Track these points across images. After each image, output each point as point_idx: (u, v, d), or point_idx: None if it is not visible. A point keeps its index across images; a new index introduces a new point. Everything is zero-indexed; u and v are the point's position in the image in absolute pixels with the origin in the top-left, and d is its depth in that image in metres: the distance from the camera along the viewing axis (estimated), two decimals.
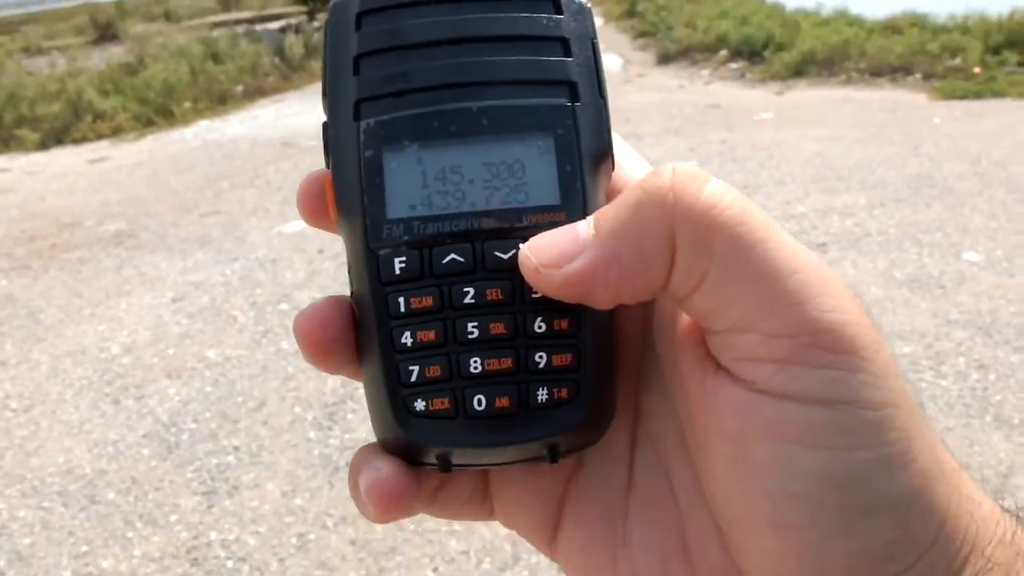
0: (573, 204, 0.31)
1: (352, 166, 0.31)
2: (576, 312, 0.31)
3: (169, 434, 2.84)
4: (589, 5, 0.33)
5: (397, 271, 0.31)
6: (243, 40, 10.74)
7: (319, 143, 0.35)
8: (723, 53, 8.86)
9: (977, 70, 6.89)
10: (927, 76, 7.11)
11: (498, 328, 0.30)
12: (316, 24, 12.46)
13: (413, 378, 0.31)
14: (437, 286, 0.30)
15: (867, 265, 3.64)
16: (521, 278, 0.30)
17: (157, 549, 2.30)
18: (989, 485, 2.17)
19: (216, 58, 9.88)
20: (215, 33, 11.66)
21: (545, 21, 0.32)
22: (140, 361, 3.38)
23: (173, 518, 2.43)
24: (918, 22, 8.43)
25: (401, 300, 0.31)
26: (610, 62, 8.92)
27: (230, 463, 2.65)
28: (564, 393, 0.31)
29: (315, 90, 9.67)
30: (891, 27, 8.45)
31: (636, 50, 10.27)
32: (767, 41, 8.52)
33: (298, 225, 4.85)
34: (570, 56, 0.32)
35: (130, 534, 2.37)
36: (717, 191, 0.28)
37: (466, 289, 0.30)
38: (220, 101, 8.82)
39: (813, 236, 3.97)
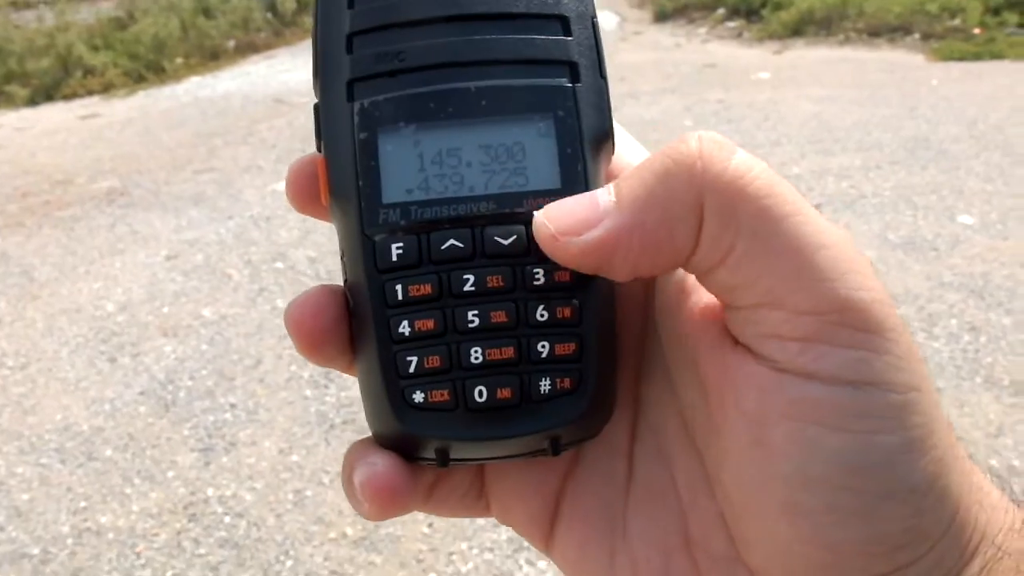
0: (574, 187, 0.30)
1: (346, 149, 0.30)
2: (579, 300, 0.30)
3: (166, 392, 2.85)
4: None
5: (394, 257, 0.29)
6: None
7: (311, 99, 0.33)
8: (720, 11, 8.76)
9: (977, 31, 6.84)
10: (926, 37, 7.05)
11: (499, 316, 0.29)
12: None
13: (411, 369, 0.30)
14: (436, 273, 0.29)
15: (862, 227, 3.65)
16: (523, 265, 0.29)
17: (155, 505, 2.33)
18: (979, 446, 2.20)
19: (207, 13, 9.72)
20: None
21: (545, 0, 0.31)
22: (135, 319, 3.38)
23: (170, 474, 2.45)
24: None
25: (398, 288, 0.30)
26: (606, 20, 8.81)
27: (227, 420, 2.67)
28: (567, 383, 0.30)
29: (307, 46, 9.42)
30: None
31: (632, 7, 10.14)
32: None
33: None
34: (570, 35, 0.31)
35: (128, 490, 2.40)
36: (745, 162, 0.28)
37: (466, 276, 0.29)
38: (212, 57, 8.70)
39: (809, 198, 3.95)
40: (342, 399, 2.75)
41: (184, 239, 4.15)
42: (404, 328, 0.29)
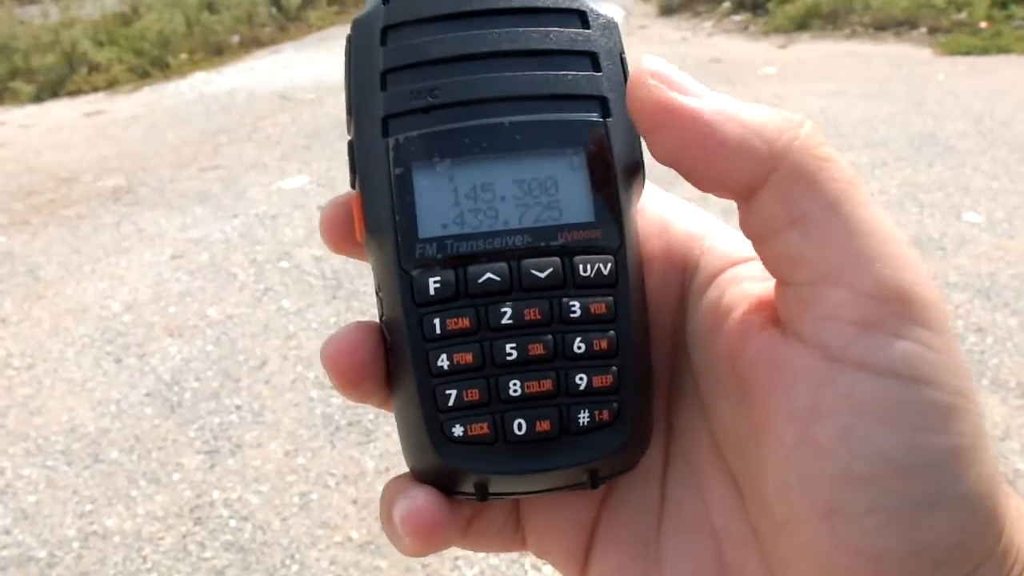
0: (607, 220, 0.30)
1: (382, 185, 0.31)
2: (616, 331, 0.30)
3: (172, 393, 2.86)
4: (616, 20, 0.33)
5: (432, 292, 0.30)
6: None
7: (317, 96, 0.34)
8: (726, 4, 8.71)
9: (983, 24, 6.79)
10: (932, 30, 7.00)
11: (537, 349, 0.30)
12: None
13: (451, 403, 0.30)
14: (473, 306, 0.30)
15: None
16: (559, 297, 0.30)
17: (160, 508, 2.34)
18: None
19: (212, 8, 9.72)
20: None
21: (574, 36, 0.31)
22: (141, 319, 3.39)
23: (176, 477, 2.46)
24: None
25: (436, 321, 0.30)
26: (612, 13, 8.74)
27: (232, 422, 2.68)
28: (605, 415, 0.30)
29: (313, 41, 9.55)
30: None
31: (638, 1, 10.11)
32: None
33: (297, 181, 4.83)
34: (600, 71, 0.31)
35: (134, 493, 2.41)
36: (836, 151, 0.29)
37: (503, 309, 0.30)
38: (216, 52, 8.70)
39: None
40: (348, 401, 2.75)
41: (189, 238, 4.15)
42: (443, 362, 0.30)
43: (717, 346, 0.32)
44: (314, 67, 7.66)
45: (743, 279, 0.32)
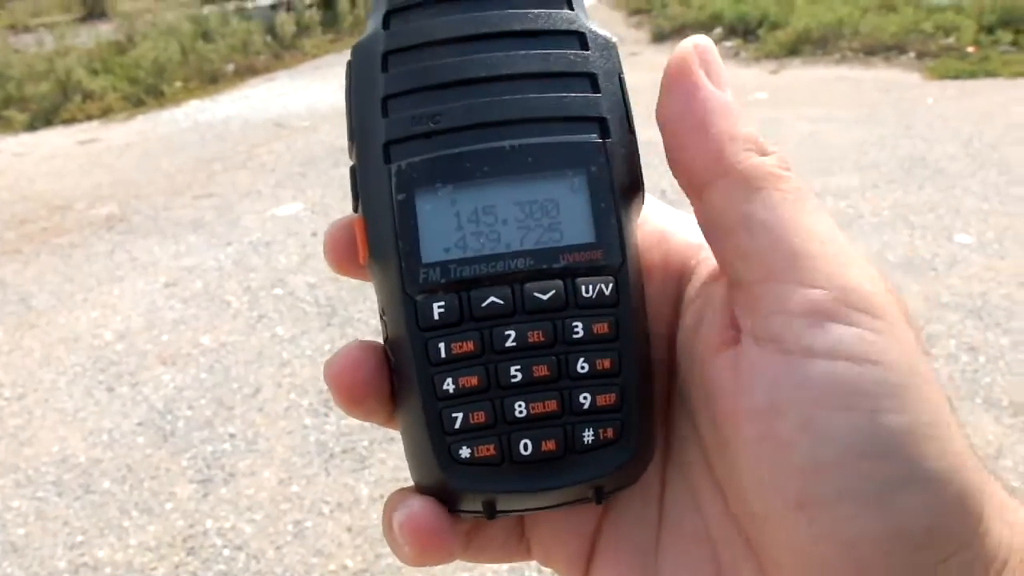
0: (608, 240, 0.31)
1: (384, 210, 0.31)
2: (618, 350, 0.31)
3: (164, 421, 2.85)
4: (615, 40, 0.33)
5: (436, 316, 0.30)
6: (233, 18, 10.64)
7: (312, 123, 0.34)
8: (718, 31, 8.80)
9: (971, 49, 6.87)
10: (921, 55, 7.08)
11: (541, 371, 0.30)
12: (308, 1, 12.30)
13: (457, 425, 0.30)
14: (477, 330, 0.30)
15: (860, 248, 3.64)
16: (562, 319, 0.30)
17: (153, 538, 2.32)
18: None
19: (206, 36, 9.78)
20: (205, 10, 11.53)
21: (572, 57, 0.32)
22: (134, 347, 3.38)
23: (169, 506, 2.44)
24: (912, 0, 8.38)
25: (441, 345, 0.30)
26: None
27: (226, 450, 2.66)
28: (610, 433, 0.30)
29: (307, 69, 9.61)
30: (885, 5, 8.40)
31: (630, 28, 10.20)
32: (762, 19, 8.47)
33: (291, 208, 4.84)
34: (598, 92, 0.32)
35: (126, 523, 2.38)
36: (795, 175, 0.31)
37: (507, 332, 0.30)
38: (211, 80, 8.75)
39: None
40: (342, 427, 2.74)
41: (183, 266, 4.15)
42: (448, 385, 0.30)
43: (697, 353, 0.33)
44: (308, 94, 7.71)
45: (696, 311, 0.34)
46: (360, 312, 3.56)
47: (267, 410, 2.87)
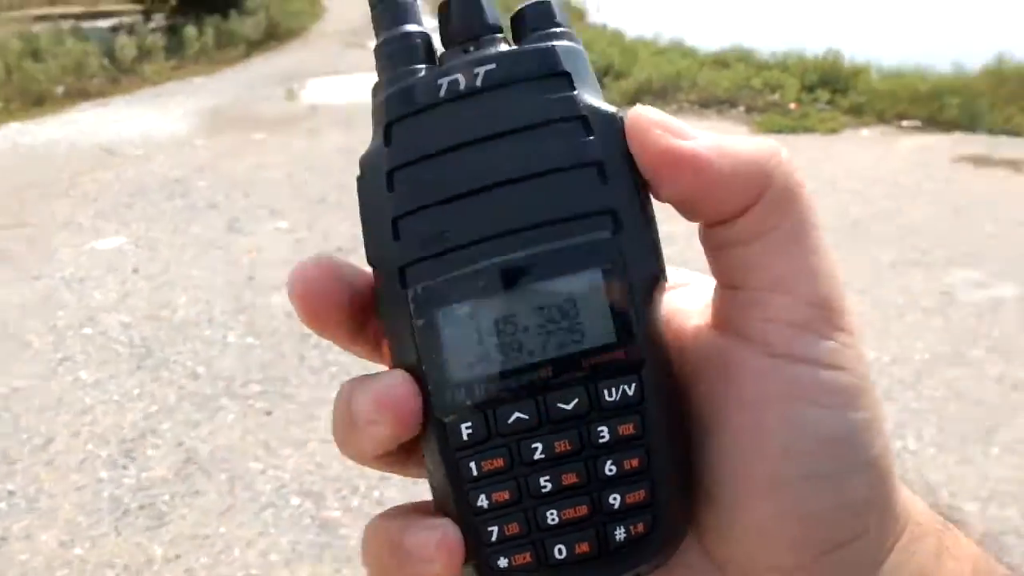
0: (629, 338, 0.31)
1: (406, 336, 0.31)
2: (646, 447, 0.31)
3: None
4: (621, 115, 0.32)
5: (464, 437, 0.31)
6: (68, 37, 10.06)
7: (146, 152, 0.29)
8: None
9: (793, 106, 7.38)
10: (749, 109, 7.53)
11: (570, 479, 0.31)
12: (152, 25, 11.84)
13: (494, 538, 0.31)
14: (505, 446, 0.31)
15: None
16: (587, 424, 0.31)
17: None
18: None
19: (36, 55, 9.20)
20: (37, 28, 10.86)
21: (576, 147, 0.31)
22: None
23: None
24: (744, 57, 8.93)
25: (472, 465, 0.31)
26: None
27: (1, 510, 2.42)
28: (641, 528, 0.31)
29: (146, 95, 9.16)
30: (720, 61, 8.92)
31: None
32: (607, 68, 8.80)
33: (113, 241, 4.57)
34: (606, 181, 0.31)
35: None
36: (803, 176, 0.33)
37: (534, 445, 0.31)
38: (36, 102, 8.20)
39: None
40: (142, 480, 2.56)
41: None
42: (482, 501, 0.31)
43: (685, 364, 0.34)
44: (145, 122, 7.35)
45: (683, 296, 0.37)
46: (178, 354, 3.37)
47: (57, 463, 2.65)
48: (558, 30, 0.33)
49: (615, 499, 0.31)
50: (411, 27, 0.33)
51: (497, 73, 0.31)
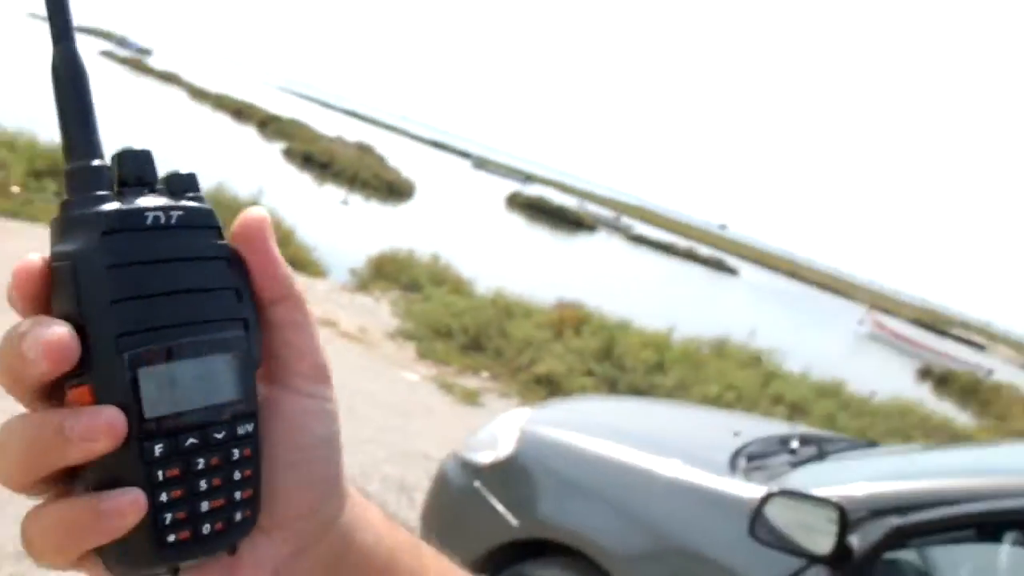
0: (249, 396, 0.46)
1: (118, 384, 0.42)
2: (255, 463, 0.46)
3: None
4: (228, 248, 0.46)
5: (156, 453, 0.42)
6: None
7: None
8: None
9: (16, 189, 6.99)
10: None
11: (217, 481, 0.44)
12: None
13: (167, 522, 0.43)
14: (181, 460, 0.43)
15: None
16: (227, 448, 0.45)
17: None
18: None
19: None
20: None
21: (225, 276, 0.45)
22: None
23: None
24: None
25: (159, 472, 0.42)
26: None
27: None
28: (249, 513, 0.46)
29: None
30: None
31: None
32: None
33: None
34: (241, 299, 0.46)
35: None
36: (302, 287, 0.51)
37: (199, 459, 0.44)
38: None
39: None
40: None
41: None
42: (164, 497, 0.43)
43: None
44: None
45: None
46: None
47: None
48: (202, 195, 0.47)
49: (238, 495, 0.45)
50: (98, 161, 0.44)
51: (184, 218, 0.45)
